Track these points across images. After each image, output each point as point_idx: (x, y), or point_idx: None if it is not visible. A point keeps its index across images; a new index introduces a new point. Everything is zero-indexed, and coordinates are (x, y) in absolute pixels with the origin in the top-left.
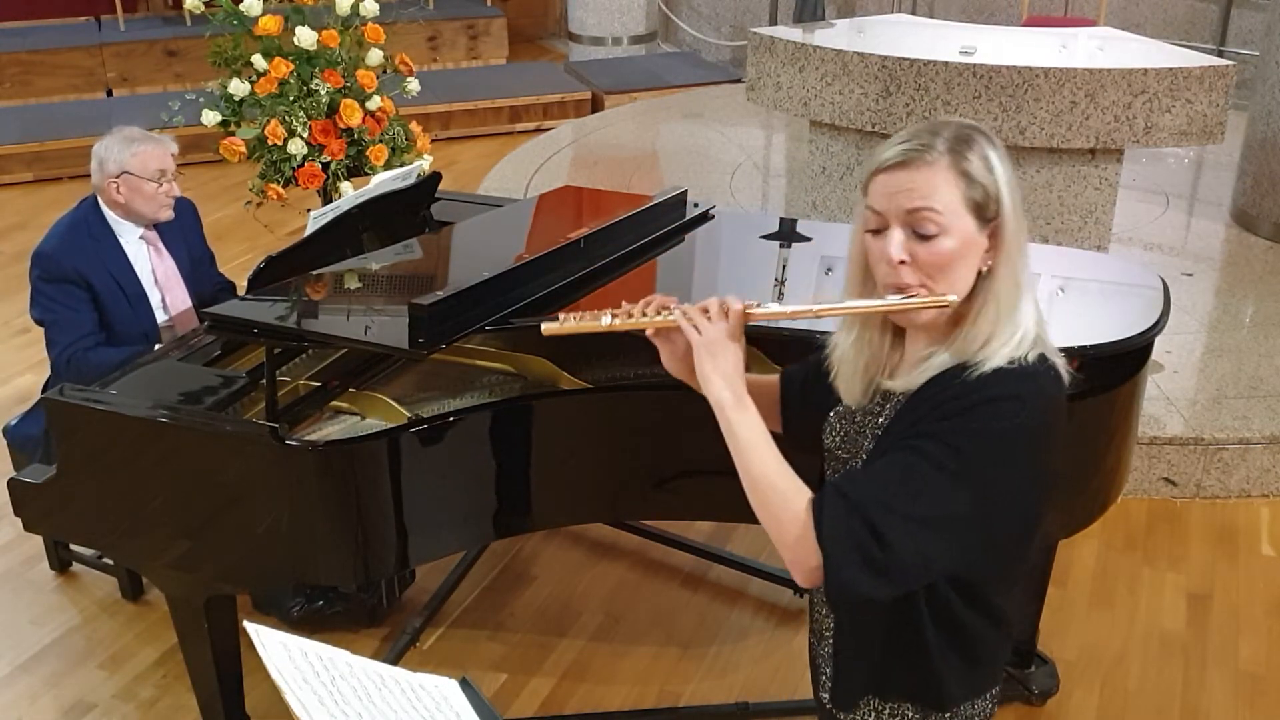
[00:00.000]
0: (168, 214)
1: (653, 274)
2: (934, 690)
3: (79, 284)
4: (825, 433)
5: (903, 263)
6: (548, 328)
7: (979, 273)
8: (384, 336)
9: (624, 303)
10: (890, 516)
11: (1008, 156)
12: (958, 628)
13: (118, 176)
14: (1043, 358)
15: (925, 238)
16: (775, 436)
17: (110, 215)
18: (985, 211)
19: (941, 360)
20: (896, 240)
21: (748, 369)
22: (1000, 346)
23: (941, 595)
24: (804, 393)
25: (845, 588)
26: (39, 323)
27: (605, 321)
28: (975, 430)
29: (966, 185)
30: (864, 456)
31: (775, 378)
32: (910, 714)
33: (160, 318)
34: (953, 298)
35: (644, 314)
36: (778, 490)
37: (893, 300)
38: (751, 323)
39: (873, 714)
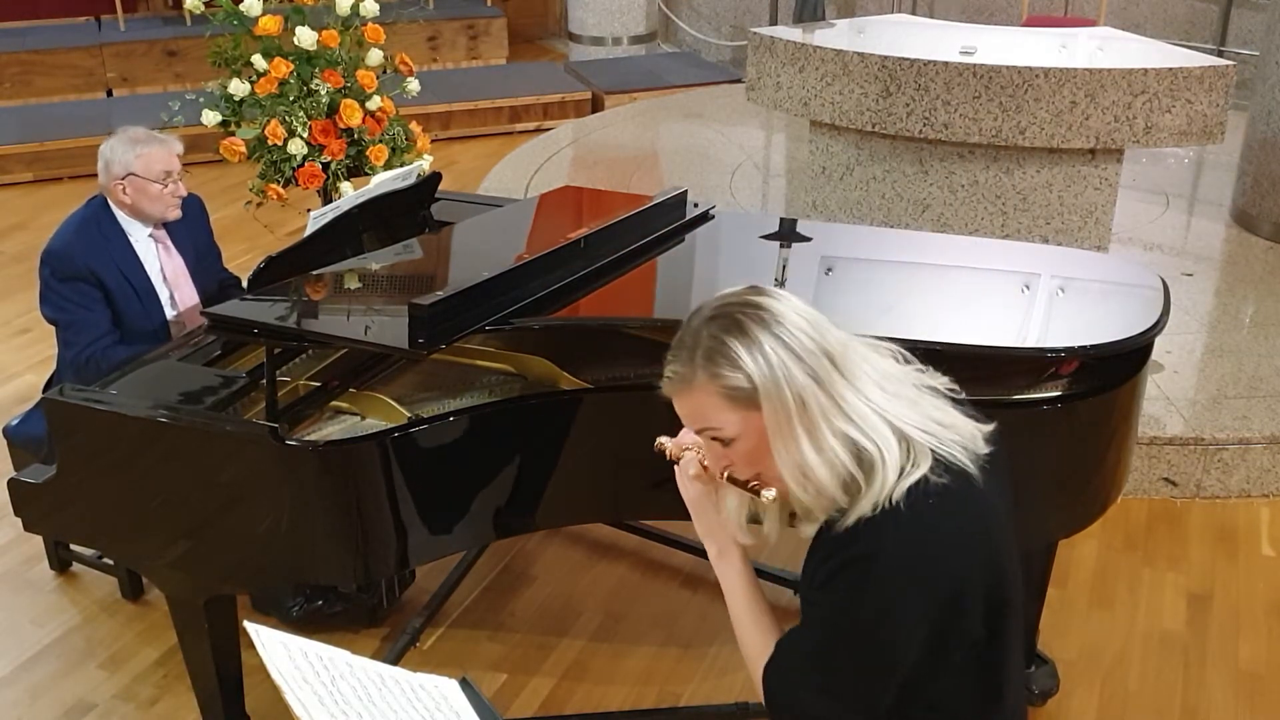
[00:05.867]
0: (175, 214)
1: (653, 274)
2: None
3: (91, 281)
4: None
5: (728, 467)
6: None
7: None
8: (384, 336)
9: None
10: (809, 693)
11: (767, 322)
12: None
13: (123, 178)
14: (918, 484)
15: (725, 443)
16: None
17: (119, 213)
18: (755, 404)
19: (815, 514)
20: (710, 453)
21: None
22: (861, 497)
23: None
24: None
25: None
26: (52, 322)
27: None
28: (843, 603)
29: (727, 396)
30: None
31: None
32: None
33: (169, 315)
34: (769, 494)
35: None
36: (748, 653)
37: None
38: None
39: None
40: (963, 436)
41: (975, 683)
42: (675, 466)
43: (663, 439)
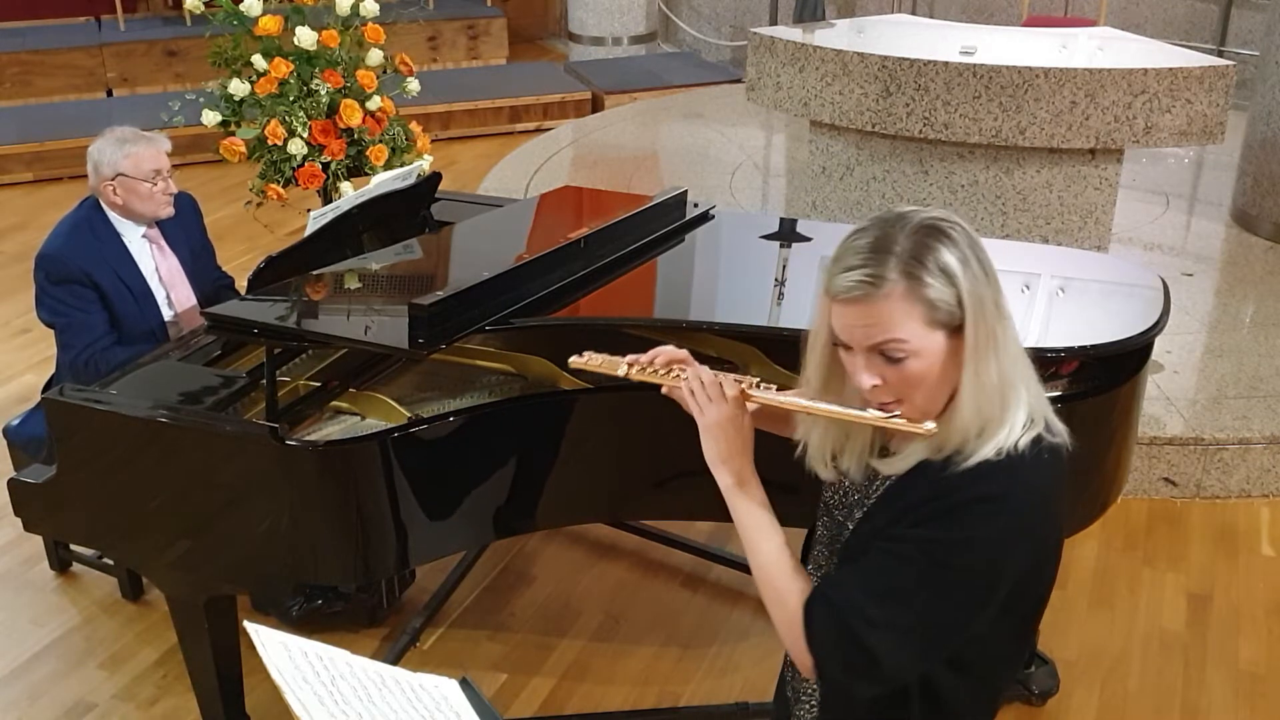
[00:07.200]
0: (168, 211)
1: (653, 274)
2: None
3: (86, 284)
4: (825, 487)
5: (875, 386)
6: (573, 361)
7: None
8: (384, 336)
9: (639, 356)
10: (874, 630)
11: (972, 244)
12: (946, 713)
13: (113, 179)
14: (1036, 441)
15: (893, 360)
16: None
17: (112, 215)
18: (952, 323)
19: (923, 449)
20: (863, 368)
21: (746, 370)
22: (986, 440)
23: (936, 676)
24: None
25: (838, 689)
26: (49, 325)
27: (621, 371)
28: (954, 540)
29: (927, 309)
30: (851, 525)
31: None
32: None
33: (166, 314)
34: (930, 426)
35: (655, 369)
36: (775, 588)
37: (873, 414)
38: (749, 402)
39: None
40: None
41: (1011, 651)
42: (672, 379)
43: (585, 357)
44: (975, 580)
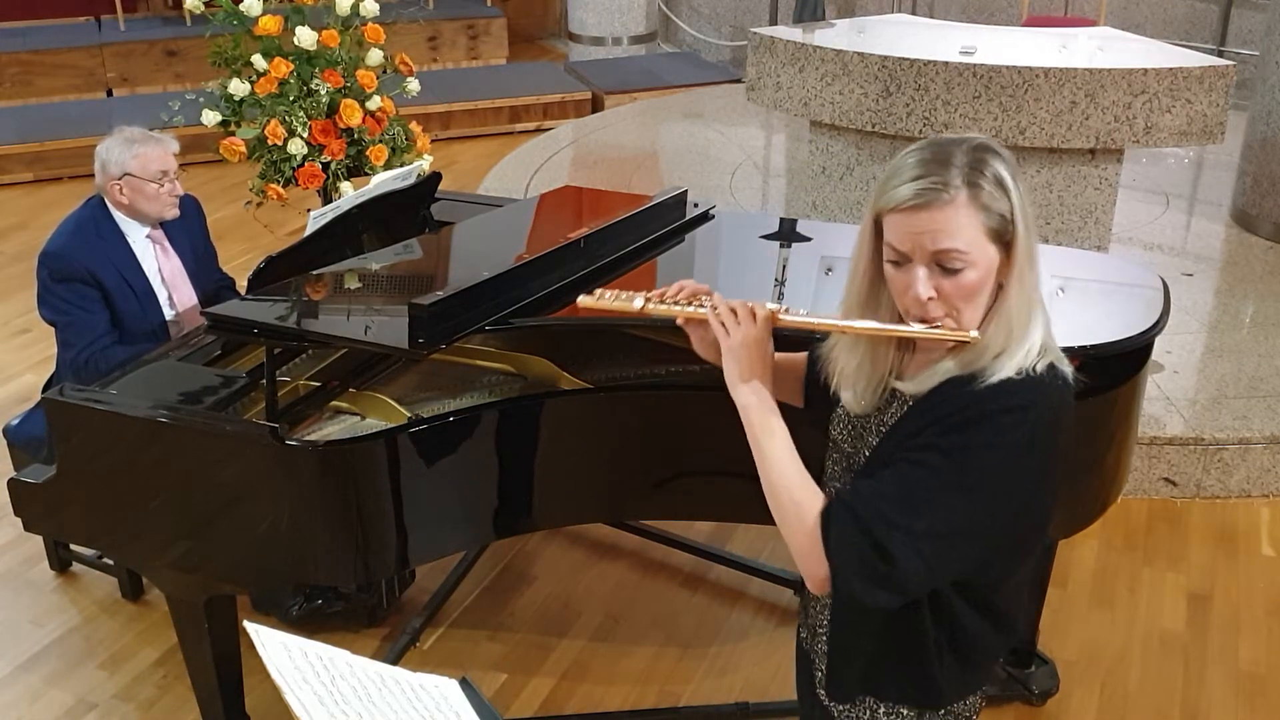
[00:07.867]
0: (173, 212)
1: (653, 274)
2: (928, 689)
3: (89, 283)
4: (833, 424)
5: (931, 298)
6: (583, 300)
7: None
8: (384, 336)
9: (656, 288)
10: (894, 532)
11: (1013, 162)
12: (958, 629)
13: (120, 179)
14: (1051, 367)
15: (951, 272)
16: (796, 411)
17: (117, 214)
18: (1004, 236)
19: (951, 367)
20: (923, 279)
21: None
22: (1009, 359)
23: (945, 597)
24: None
25: (853, 598)
26: (51, 323)
27: (637, 305)
28: (980, 444)
29: (986, 216)
30: (867, 452)
31: (803, 355)
32: (906, 713)
33: (168, 315)
34: (975, 334)
35: (676, 302)
36: (793, 500)
37: (918, 329)
38: (779, 327)
39: (868, 713)
40: None
41: (1014, 566)
42: (695, 310)
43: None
44: (994, 485)
